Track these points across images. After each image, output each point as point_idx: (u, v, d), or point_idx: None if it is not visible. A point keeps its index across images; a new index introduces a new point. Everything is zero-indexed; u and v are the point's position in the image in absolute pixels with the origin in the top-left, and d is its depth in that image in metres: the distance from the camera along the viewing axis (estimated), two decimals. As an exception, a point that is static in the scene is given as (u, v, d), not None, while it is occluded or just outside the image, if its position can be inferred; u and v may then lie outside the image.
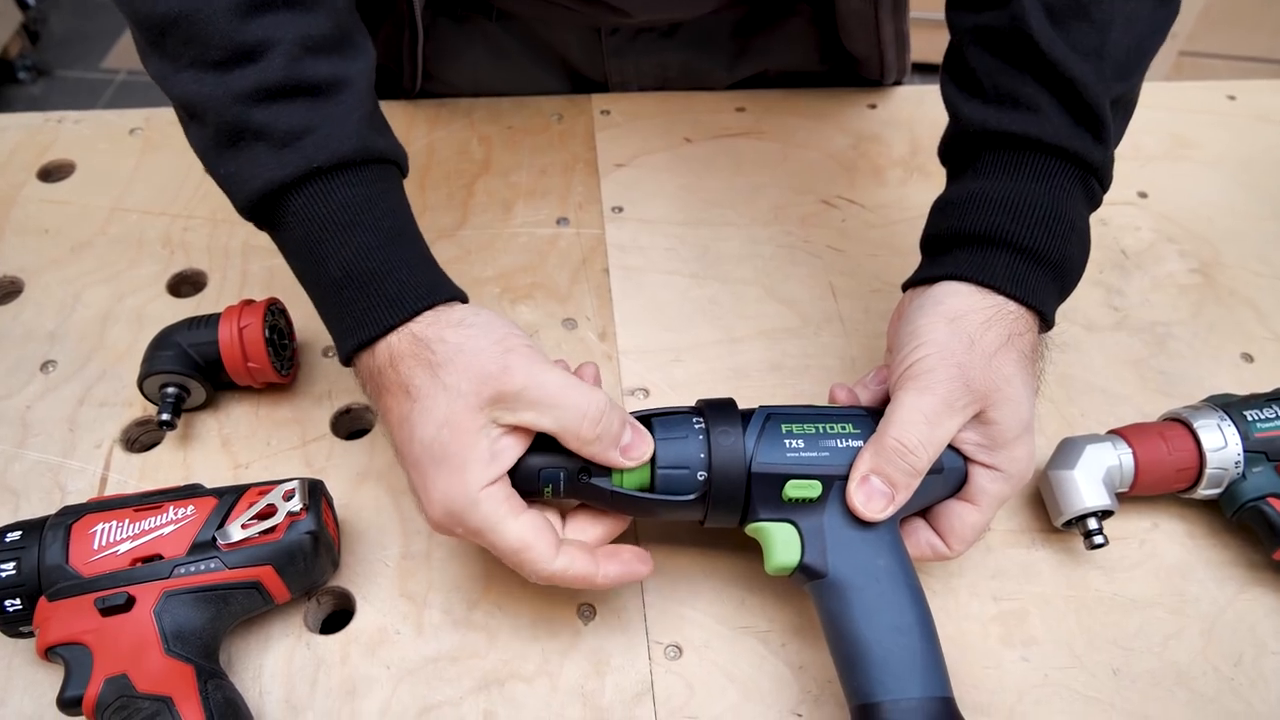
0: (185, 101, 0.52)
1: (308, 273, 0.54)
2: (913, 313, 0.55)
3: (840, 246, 0.78)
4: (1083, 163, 0.55)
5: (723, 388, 0.68)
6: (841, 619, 0.51)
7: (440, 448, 0.49)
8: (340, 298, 0.52)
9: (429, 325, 0.51)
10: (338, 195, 0.51)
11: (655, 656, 0.56)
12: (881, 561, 0.52)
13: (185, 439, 0.63)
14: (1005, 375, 0.52)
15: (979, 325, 0.53)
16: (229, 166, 0.52)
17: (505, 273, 0.75)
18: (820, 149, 0.86)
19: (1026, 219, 0.54)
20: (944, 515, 0.55)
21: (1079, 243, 0.56)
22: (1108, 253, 0.79)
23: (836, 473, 0.52)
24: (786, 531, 0.53)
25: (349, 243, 0.51)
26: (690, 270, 0.76)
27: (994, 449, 0.53)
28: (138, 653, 0.49)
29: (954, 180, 0.60)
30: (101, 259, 0.74)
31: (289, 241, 0.53)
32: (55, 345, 0.68)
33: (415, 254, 0.54)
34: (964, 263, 0.55)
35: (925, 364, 0.52)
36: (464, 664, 0.55)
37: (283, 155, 0.50)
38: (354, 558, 0.58)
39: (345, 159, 0.51)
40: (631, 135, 0.86)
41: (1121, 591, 0.60)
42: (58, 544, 0.51)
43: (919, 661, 0.49)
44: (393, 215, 0.54)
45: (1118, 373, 0.71)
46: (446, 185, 0.81)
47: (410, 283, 0.52)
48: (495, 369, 0.49)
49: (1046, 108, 0.54)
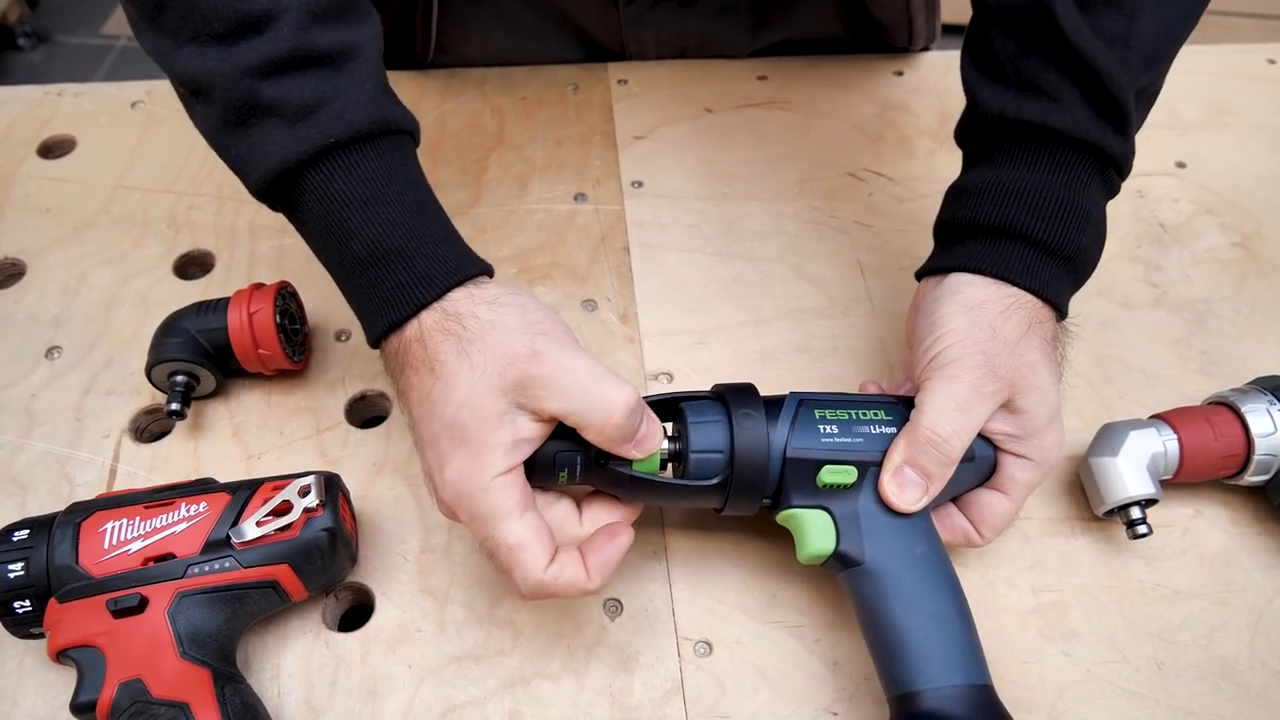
0: (188, 79, 0.49)
1: (329, 253, 0.51)
2: (930, 304, 0.54)
3: (868, 221, 0.75)
4: (1102, 155, 0.53)
5: (749, 371, 0.66)
6: (878, 607, 0.49)
7: (460, 428, 0.47)
8: (367, 278, 0.50)
9: (461, 300, 0.49)
10: (358, 170, 0.49)
11: (685, 653, 0.54)
12: (918, 549, 0.51)
13: (195, 428, 0.61)
14: (1030, 363, 0.51)
15: (998, 314, 0.52)
16: (240, 146, 0.49)
17: (522, 252, 0.72)
18: (845, 119, 0.83)
19: (1042, 211, 0.53)
20: (975, 504, 0.54)
21: (1094, 234, 0.55)
22: (1145, 226, 0.77)
23: (871, 459, 0.51)
24: (821, 518, 0.51)
25: (373, 219, 0.49)
26: (713, 248, 0.73)
27: (1024, 438, 0.52)
28: (152, 656, 0.48)
29: (970, 166, 0.59)
30: (105, 239, 0.71)
31: (308, 221, 0.51)
32: (60, 330, 0.66)
33: (441, 227, 0.52)
34: (977, 254, 0.54)
35: (950, 353, 0.51)
36: (488, 663, 0.53)
37: (297, 131, 0.48)
38: (372, 552, 0.57)
39: (363, 131, 0.49)
40: (650, 106, 0.83)
41: (1164, 582, 0.58)
42: (67, 543, 0.49)
43: (959, 648, 0.48)
44: (415, 188, 0.52)
45: (1157, 352, 0.68)
46: (459, 160, 0.78)
47: (440, 257, 0.50)
48: (524, 351, 0.47)
49: (1067, 97, 0.52)
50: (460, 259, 0.51)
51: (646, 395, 0.52)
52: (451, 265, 0.50)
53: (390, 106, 0.51)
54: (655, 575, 0.57)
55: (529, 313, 0.49)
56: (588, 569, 0.48)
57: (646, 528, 0.58)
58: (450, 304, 0.49)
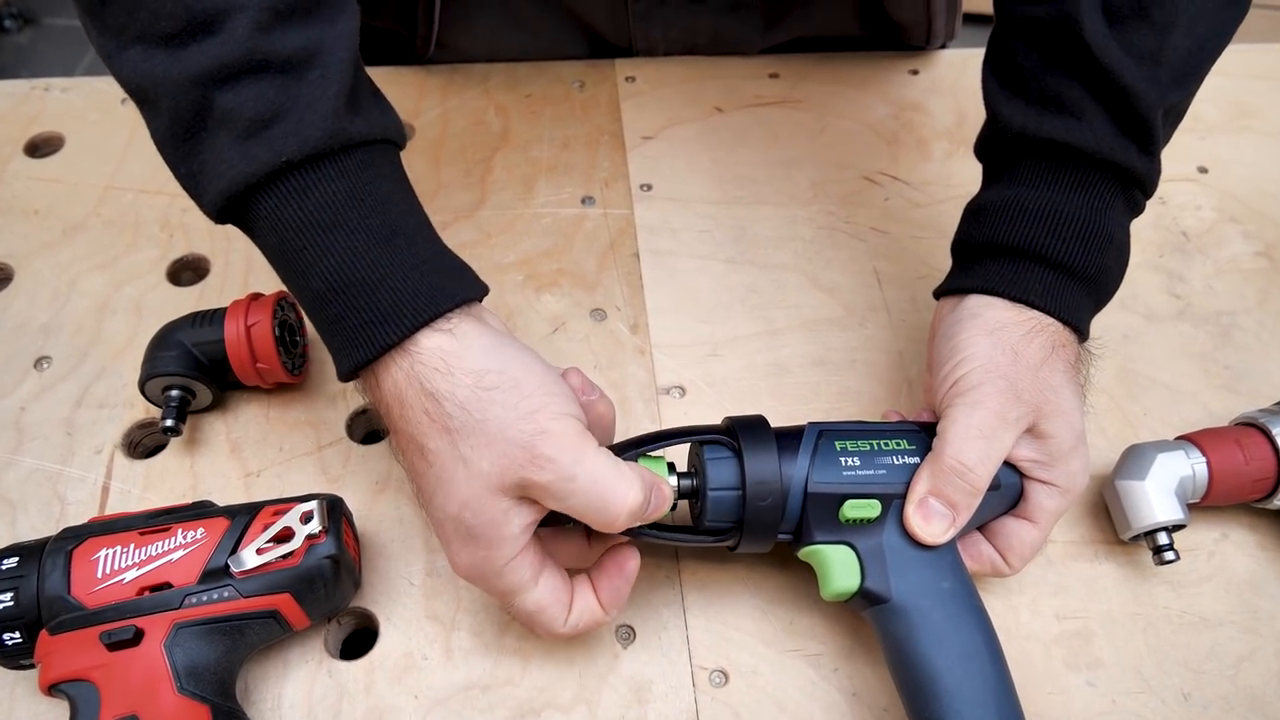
0: (133, 85, 0.44)
1: (290, 283, 0.47)
2: (950, 327, 0.53)
3: (884, 228, 0.73)
4: (1126, 174, 0.52)
5: (763, 385, 0.64)
6: (908, 646, 0.48)
7: (465, 526, 0.45)
8: (326, 313, 0.45)
9: (436, 370, 0.44)
10: (314, 193, 0.44)
11: (700, 683, 0.52)
12: (946, 584, 0.49)
13: (191, 444, 0.59)
14: (1053, 386, 0.50)
15: (1020, 338, 0.51)
16: (190, 163, 0.44)
17: (528, 258, 0.70)
18: (859, 119, 0.81)
19: (1062, 232, 0.51)
20: (1002, 533, 0.53)
21: (1116, 255, 0.53)
22: (1167, 235, 0.75)
23: (895, 491, 0.50)
24: (844, 554, 0.50)
25: (332, 248, 0.44)
26: (726, 254, 0.71)
27: (1050, 464, 0.51)
28: (148, 691, 0.46)
29: (989, 183, 0.57)
30: (96, 243, 0.69)
31: (265, 249, 0.46)
32: (49, 339, 0.63)
33: (412, 254, 0.46)
34: (996, 276, 0.53)
35: (972, 378, 0.50)
36: (496, 692, 0.51)
37: (248, 148, 0.43)
38: (376, 575, 0.55)
39: (320, 149, 0.43)
40: (659, 104, 0.81)
41: (1190, 608, 0.56)
42: (58, 572, 0.47)
43: (992, 688, 0.47)
44: (383, 209, 0.46)
45: (1181, 367, 0.67)
46: (463, 160, 0.76)
47: (407, 290, 0.44)
48: (523, 457, 0.43)
49: (1091, 114, 0.51)
50: (433, 290, 0.45)
51: (652, 434, 0.51)
52: (421, 299, 0.44)
53: (353, 118, 0.45)
54: (669, 601, 0.55)
55: (523, 399, 0.44)
56: (602, 603, 0.49)
57: (659, 551, 0.56)
58: (425, 366, 0.44)
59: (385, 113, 0.48)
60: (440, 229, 0.70)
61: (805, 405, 0.63)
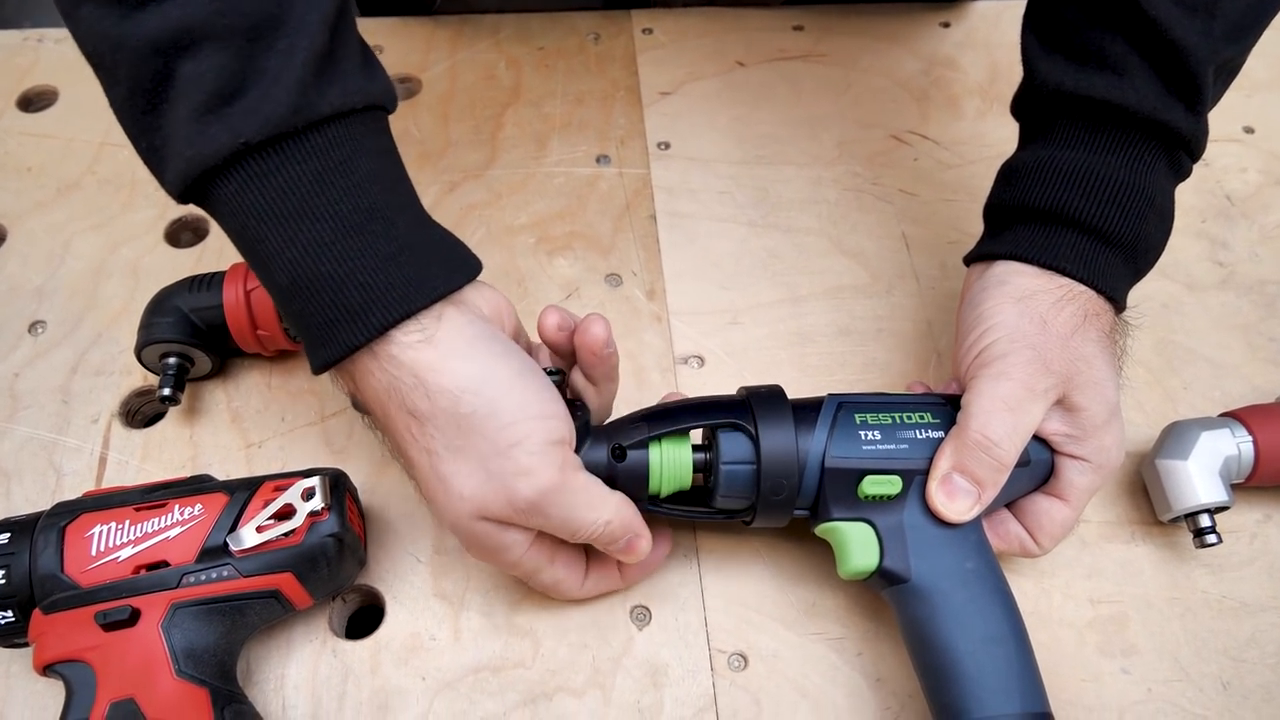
0: (88, 48, 0.40)
1: (255, 273, 0.43)
2: (977, 295, 0.50)
3: (913, 190, 0.70)
4: (1171, 135, 0.48)
5: (785, 355, 0.61)
6: (928, 628, 0.46)
7: (462, 534, 0.45)
8: (291, 308, 0.42)
9: (413, 389, 0.41)
10: (277, 178, 0.39)
11: (718, 667, 0.50)
12: (970, 564, 0.47)
13: (191, 413, 0.57)
14: (1085, 356, 0.47)
15: (1050, 306, 0.48)
16: (151, 138, 0.40)
17: (541, 220, 0.67)
18: (888, 75, 0.77)
19: (1098, 195, 0.48)
20: (1031, 511, 0.50)
21: (1158, 220, 0.50)
22: (1210, 199, 0.71)
23: (917, 467, 0.47)
24: (863, 532, 0.47)
25: (295, 239, 0.40)
26: (747, 217, 0.68)
27: (1082, 438, 0.48)
28: (145, 674, 0.44)
29: (1025, 144, 0.54)
30: (91, 202, 0.66)
31: (230, 235, 0.42)
32: (44, 303, 0.61)
33: (389, 242, 0.41)
34: (1025, 241, 0.50)
35: (996, 348, 0.47)
36: (507, 675, 0.49)
37: (205, 126, 0.38)
38: (382, 552, 0.53)
39: (282, 128, 0.39)
40: (677, 58, 0.77)
41: (1231, 593, 0.54)
42: (51, 549, 0.45)
43: (1015, 674, 0.45)
44: (357, 192, 0.41)
45: (1223, 339, 0.63)
46: (472, 116, 0.72)
47: (378, 285, 0.40)
48: (502, 496, 0.42)
49: (1135, 70, 0.48)
50: (407, 285, 0.41)
51: (661, 407, 0.49)
52: (395, 294, 0.41)
53: (325, 88, 0.40)
54: (686, 580, 0.53)
55: (501, 430, 0.41)
56: (623, 576, 0.50)
57: (677, 529, 0.54)
58: (401, 382, 0.41)
59: (371, 75, 0.43)
60: (448, 189, 0.68)
61: (829, 377, 0.60)
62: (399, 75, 0.75)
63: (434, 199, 0.67)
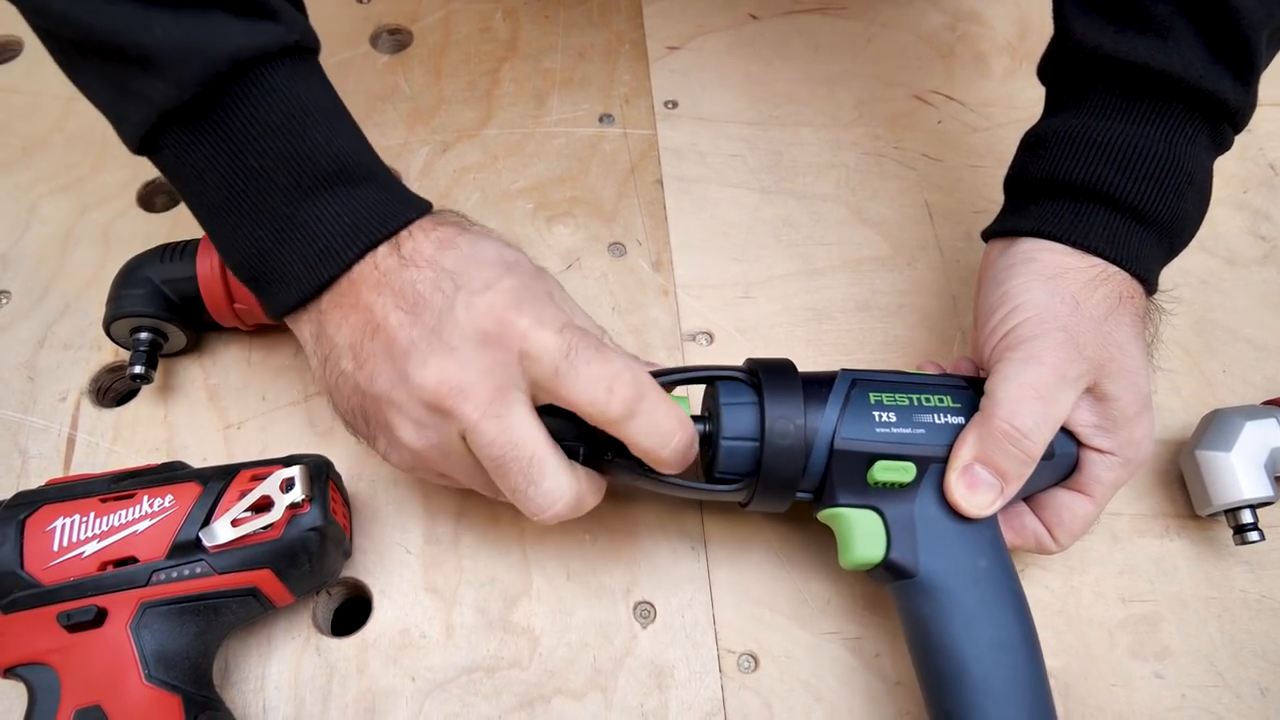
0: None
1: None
2: (1001, 272, 0.47)
3: (937, 155, 0.66)
4: (1217, 106, 0.44)
5: (800, 332, 0.57)
6: (932, 628, 0.43)
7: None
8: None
9: (389, 272, 0.41)
10: (194, 155, 0.41)
11: (727, 668, 0.47)
12: (983, 562, 0.44)
13: (165, 390, 0.53)
14: (1119, 342, 0.44)
15: (1083, 285, 0.44)
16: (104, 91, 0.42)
17: (539, 184, 0.63)
18: (911, 30, 0.72)
19: (1135, 170, 0.45)
20: (1051, 505, 0.47)
21: (1195, 198, 0.46)
22: (1253, 167, 0.67)
23: (933, 454, 0.44)
24: (870, 520, 0.44)
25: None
26: (760, 183, 0.63)
27: (1111, 430, 0.45)
28: (113, 679, 0.41)
29: (1053, 109, 0.50)
30: (59, 162, 0.62)
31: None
32: (7, 272, 0.57)
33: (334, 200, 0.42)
34: (1054, 218, 0.46)
35: (1025, 329, 0.44)
36: (502, 675, 0.46)
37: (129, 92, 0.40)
38: (369, 542, 0.49)
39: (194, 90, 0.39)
40: (686, 10, 0.72)
41: (1270, 593, 0.51)
42: (9, 544, 0.42)
43: (1024, 684, 0.42)
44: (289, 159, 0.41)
45: (1266, 319, 0.60)
46: (467, 71, 0.68)
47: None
48: (541, 299, 0.41)
49: (1180, 33, 0.44)
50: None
51: (668, 369, 0.45)
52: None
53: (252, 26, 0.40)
54: (693, 575, 0.50)
55: (538, 273, 0.43)
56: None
57: (683, 519, 0.51)
58: (377, 272, 0.41)
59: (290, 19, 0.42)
60: (440, 150, 0.64)
61: (847, 355, 0.57)
62: (389, 26, 0.70)
63: (425, 160, 0.63)
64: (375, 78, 0.67)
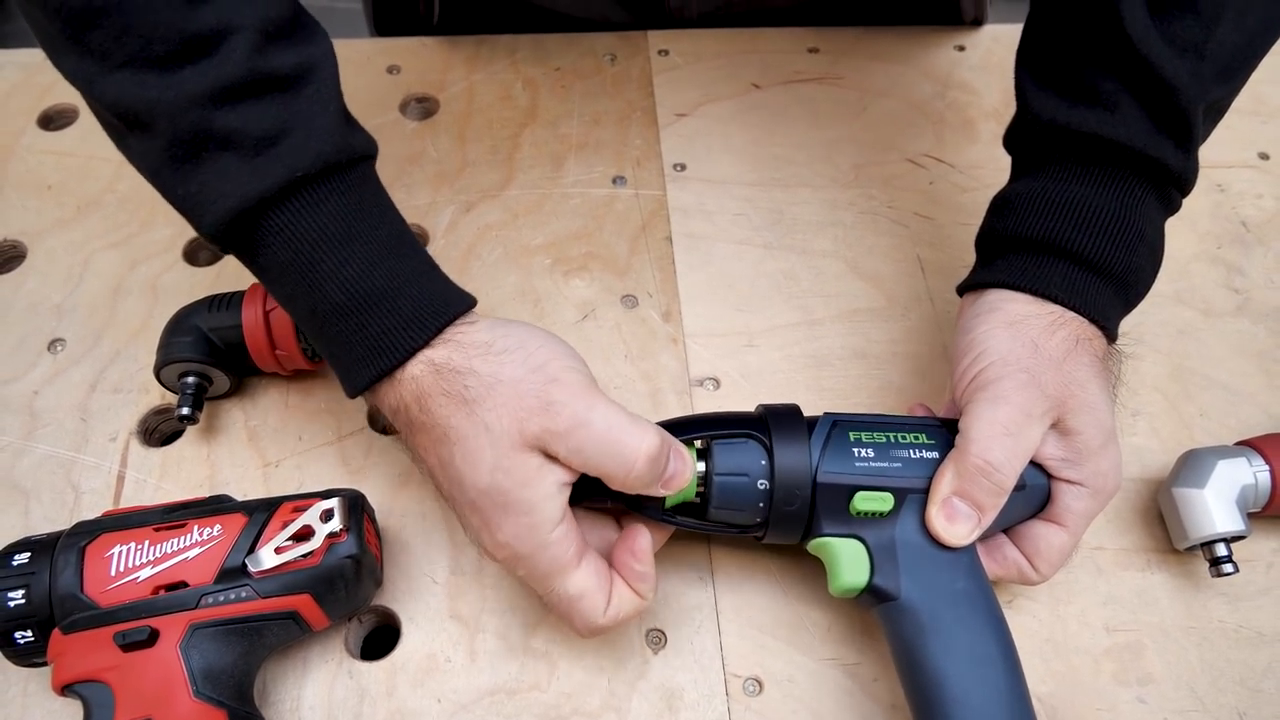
0: (124, 109, 0.42)
1: (300, 299, 0.46)
2: (969, 321, 0.51)
3: (928, 213, 0.70)
4: (1160, 171, 0.49)
5: (801, 378, 0.61)
6: (914, 648, 0.46)
7: (501, 493, 0.44)
8: (347, 325, 0.45)
9: (454, 351, 0.45)
10: (328, 205, 0.44)
11: (733, 691, 0.50)
12: (960, 585, 0.47)
13: (209, 431, 0.57)
14: (1079, 380, 0.48)
15: (1041, 330, 0.48)
16: (188, 185, 0.43)
17: (557, 240, 0.67)
18: (903, 98, 0.77)
19: (1089, 227, 0.49)
20: (1029, 536, 0.50)
21: (1148, 253, 0.51)
22: (1226, 225, 0.71)
23: (909, 485, 0.48)
24: (853, 548, 0.48)
25: (350, 259, 0.44)
26: (763, 239, 0.68)
27: (1078, 462, 0.48)
28: (163, 694, 0.44)
29: (1017, 176, 0.55)
30: (110, 220, 0.66)
31: (272, 266, 0.45)
32: (63, 320, 0.61)
33: (420, 262, 0.47)
34: (1018, 270, 0.51)
35: (990, 372, 0.48)
36: (522, 698, 0.49)
37: (258, 165, 0.42)
38: (398, 572, 0.53)
39: (330, 161, 0.44)
40: (693, 80, 0.77)
41: (1247, 623, 0.53)
42: (71, 569, 0.45)
43: (1003, 697, 0.44)
44: (389, 220, 0.47)
45: (1240, 366, 0.63)
46: (489, 136, 0.73)
47: (426, 296, 0.46)
48: (537, 405, 0.43)
49: (1125, 107, 0.48)
50: (445, 295, 0.47)
51: (679, 419, 0.49)
52: (438, 304, 0.46)
53: (354, 132, 0.47)
54: (701, 604, 0.53)
55: (531, 354, 0.45)
56: (634, 589, 0.47)
57: (691, 550, 0.54)
58: (441, 354, 0.45)
59: (367, 132, 0.48)
60: (465, 209, 0.69)
61: (845, 400, 0.60)
62: (417, 94, 0.75)
63: (450, 219, 0.68)
64: (404, 142, 0.72)
